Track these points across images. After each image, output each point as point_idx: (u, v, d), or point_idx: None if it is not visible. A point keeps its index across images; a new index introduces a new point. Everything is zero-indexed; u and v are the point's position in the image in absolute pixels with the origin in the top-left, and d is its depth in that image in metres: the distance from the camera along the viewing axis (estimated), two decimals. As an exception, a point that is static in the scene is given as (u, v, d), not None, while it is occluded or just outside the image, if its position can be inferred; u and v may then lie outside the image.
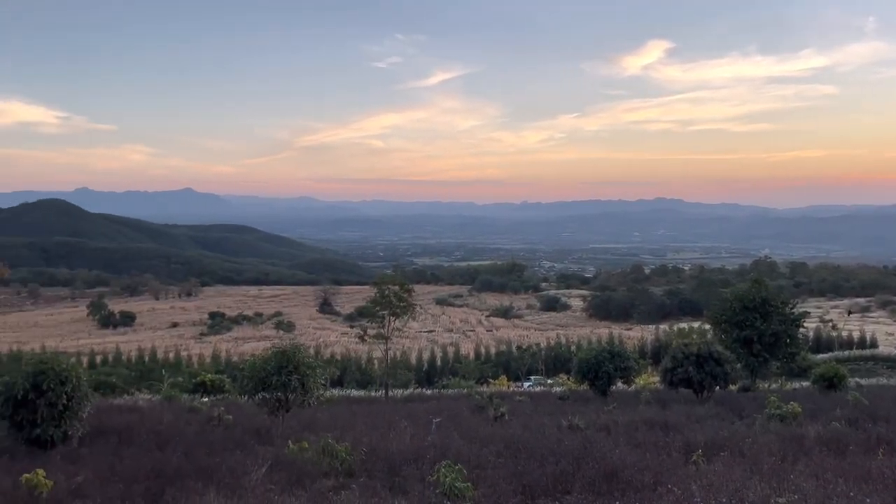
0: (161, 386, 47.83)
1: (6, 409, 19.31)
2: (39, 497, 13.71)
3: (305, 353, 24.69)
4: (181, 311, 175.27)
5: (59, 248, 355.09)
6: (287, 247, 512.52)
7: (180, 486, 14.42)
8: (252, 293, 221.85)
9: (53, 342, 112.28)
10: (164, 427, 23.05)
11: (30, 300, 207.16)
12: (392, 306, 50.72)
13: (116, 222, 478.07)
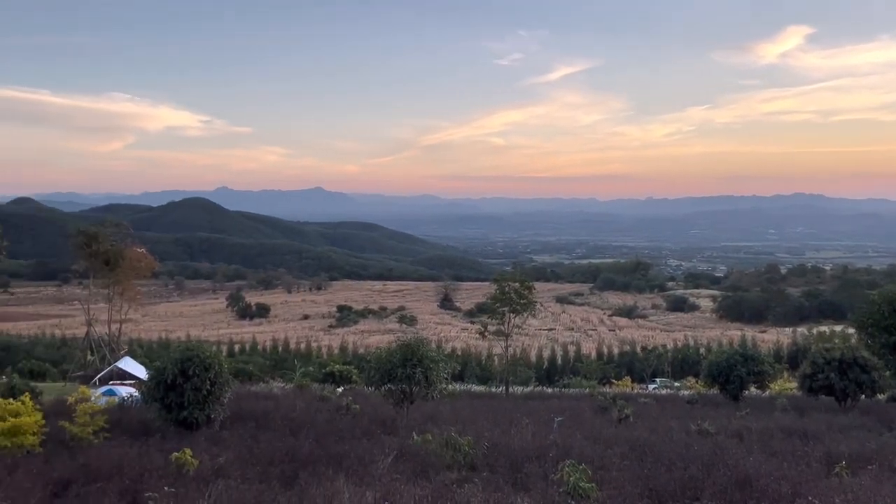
0: (293, 375, 50.30)
1: (158, 391, 20.88)
2: (186, 474, 14.75)
3: (429, 348, 25.18)
4: (311, 304, 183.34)
5: (202, 244, 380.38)
6: (410, 243, 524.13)
7: (312, 471, 15.08)
8: (377, 288, 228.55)
9: (197, 331, 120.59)
10: (297, 414, 24.15)
11: (176, 292, 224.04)
12: (512, 303, 50.68)
13: (253, 220, 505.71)
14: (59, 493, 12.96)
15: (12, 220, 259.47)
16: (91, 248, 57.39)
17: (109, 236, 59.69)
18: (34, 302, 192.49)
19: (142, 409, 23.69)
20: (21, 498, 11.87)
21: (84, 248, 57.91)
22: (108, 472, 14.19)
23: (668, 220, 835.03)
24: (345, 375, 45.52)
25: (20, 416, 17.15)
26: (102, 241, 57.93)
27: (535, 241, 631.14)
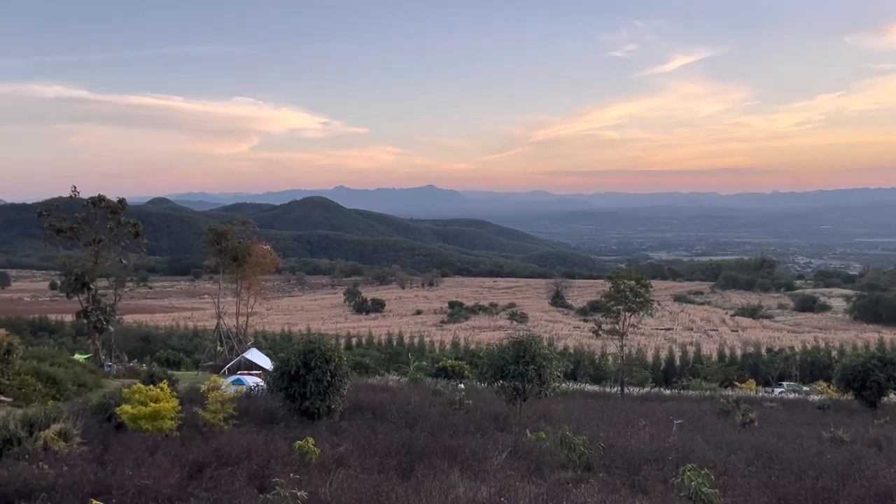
0: (407, 368, 51.34)
1: (282, 382, 21.86)
2: (309, 462, 15.37)
3: (541, 345, 25.00)
4: (424, 300, 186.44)
5: (321, 241, 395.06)
6: (520, 240, 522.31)
7: (428, 464, 15.32)
8: (487, 284, 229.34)
9: (316, 325, 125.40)
10: (412, 407, 24.62)
11: (297, 287, 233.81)
12: (627, 301, 49.47)
13: (368, 217, 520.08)
14: (195, 475, 13.81)
15: (150, 219, 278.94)
16: (221, 245, 60.87)
17: (237, 234, 63.06)
18: (169, 295, 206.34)
19: (267, 398, 24.87)
20: (162, 478, 12.76)
21: (214, 245, 61.49)
22: (237, 457, 15.01)
23: (796, 214, 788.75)
24: (457, 371, 45.97)
25: (160, 402, 18.42)
26: (231, 239, 61.30)
27: (651, 237, 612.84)
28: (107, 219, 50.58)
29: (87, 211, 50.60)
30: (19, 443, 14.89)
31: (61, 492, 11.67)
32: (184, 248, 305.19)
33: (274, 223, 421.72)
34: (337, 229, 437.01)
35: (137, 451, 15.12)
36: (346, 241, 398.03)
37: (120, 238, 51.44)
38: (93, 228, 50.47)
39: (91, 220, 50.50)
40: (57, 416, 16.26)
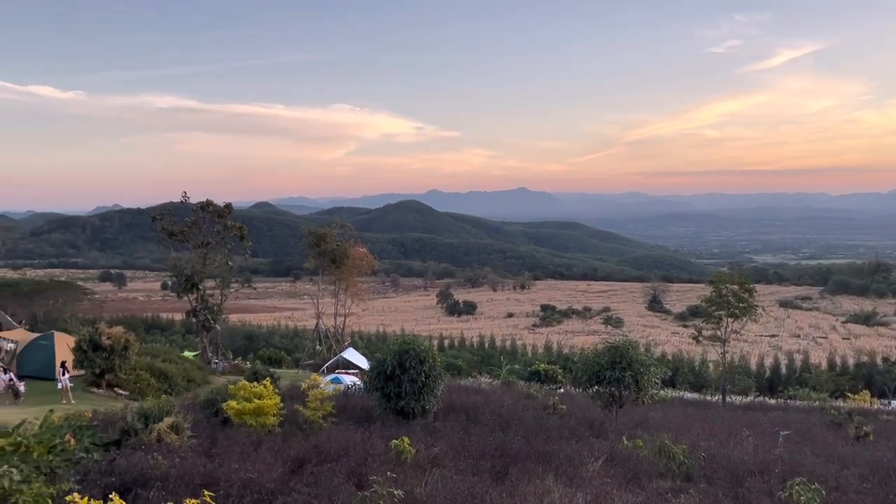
0: (500, 371, 51.25)
1: (378, 381, 22.30)
2: (405, 461, 15.61)
3: (638, 350, 24.43)
4: (516, 303, 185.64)
5: (414, 243, 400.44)
6: (615, 242, 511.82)
7: (522, 468, 15.26)
8: (581, 288, 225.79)
9: (410, 326, 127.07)
10: (505, 410, 24.57)
11: (391, 288, 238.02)
12: (730, 307, 47.61)
13: (460, 220, 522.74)
14: (296, 471, 14.29)
15: (253, 222, 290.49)
16: (320, 247, 62.77)
17: (335, 237, 64.85)
18: (271, 296, 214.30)
19: (364, 397, 25.40)
20: (265, 472, 13.27)
21: (314, 248, 63.47)
22: (336, 454, 15.43)
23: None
24: (550, 375, 45.55)
25: (263, 399, 19.15)
26: (330, 242, 63.11)
27: (754, 239, 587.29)
28: (214, 222, 53.14)
29: (196, 215, 53.32)
30: (136, 434, 15.83)
31: (174, 482, 12.32)
32: (284, 251, 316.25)
33: (369, 226, 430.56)
34: (430, 232, 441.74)
35: (242, 445, 15.79)
36: (439, 243, 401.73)
37: (226, 241, 53.92)
38: (201, 232, 53.13)
39: (200, 224, 53.20)
40: (169, 409, 17.18)
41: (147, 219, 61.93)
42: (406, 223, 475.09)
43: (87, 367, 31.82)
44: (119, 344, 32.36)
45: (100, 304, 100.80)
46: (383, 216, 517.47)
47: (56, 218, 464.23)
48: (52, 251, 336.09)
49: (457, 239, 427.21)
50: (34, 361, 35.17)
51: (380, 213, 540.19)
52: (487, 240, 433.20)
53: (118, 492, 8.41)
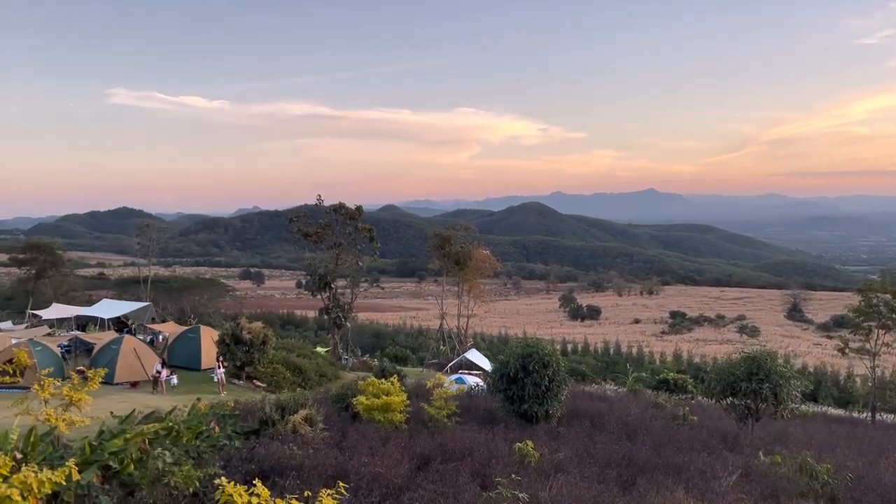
0: (625, 378, 49.97)
1: (501, 383, 22.34)
2: (528, 465, 15.54)
3: (777, 362, 23.06)
4: (642, 309, 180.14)
5: (537, 246, 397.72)
6: (751, 247, 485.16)
7: (650, 479, 14.79)
8: (713, 294, 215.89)
9: (532, 329, 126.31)
10: (632, 418, 23.90)
11: (513, 291, 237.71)
12: (881, 317, 44.00)
13: (584, 223, 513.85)
14: (422, 467, 14.58)
15: (381, 224, 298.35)
16: (444, 249, 63.75)
17: (459, 239, 65.67)
18: (397, 296, 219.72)
19: (486, 398, 25.53)
20: (393, 467, 13.63)
21: (438, 250, 64.55)
22: (460, 454, 15.59)
23: None
24: (679, 384, 43.89)
25: (390, 395, 19.67)
26: (454, 244, 63.98)
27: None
28: (346, 224, 55.30)
29: (329, 217, 55.69)
30: (273, 424, 16.70)
31: (308, 472, 12.89)
32: (410, 252, 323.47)
33: (492, 228, 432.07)
34: (553, 234, 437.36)
35: (371, 440, 16.29)
36: (562, 246, 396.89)
37: (357, 242, 55.95)
38: (334, 233, 55.43)
39: (332, 226, 55.51)
40: (303, 402, 18.00)
41: (283, 220, 65.39)
42: (528, 225, 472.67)
43: (228, 359, 33.94)
44: (258, 338, 34.30)
45: (240, 301, 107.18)
46: (506, 218, 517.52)
47: (202, 219, 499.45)
48: (198, 250, 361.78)
49: (580, 241, 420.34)
50: (183, 353, 37.96)
51: (502, 215, 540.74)
52: (613, 243, 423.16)
53: (256, 478, 8.91)
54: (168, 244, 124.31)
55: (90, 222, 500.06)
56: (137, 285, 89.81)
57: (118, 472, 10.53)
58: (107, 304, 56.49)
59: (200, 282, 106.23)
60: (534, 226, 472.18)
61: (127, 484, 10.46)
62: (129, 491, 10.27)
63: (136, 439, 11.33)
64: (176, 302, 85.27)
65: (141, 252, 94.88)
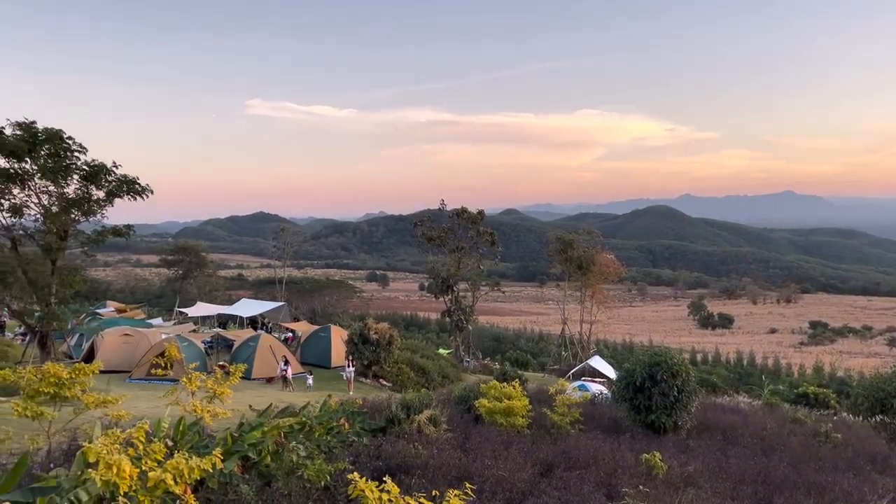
0: (760, 391, 47.34)
1: (627, 392, 21.77)
2: (655, 477, 15.03)
3: (937, 379, 21.11)
4: (779, 318, 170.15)
5: (664, 251, 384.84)
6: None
7: (788, 498, 13.95)
8: (859, 304, 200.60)
9: (658, 337, 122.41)
10: (768, 433, 22.62)
11: (638, 297, 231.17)
12: None
13: (715, 226, 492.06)
14: (545, 474, 14.44)
15: (502, 228, 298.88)
16: (566, 253, 63.05)
17: (582, 243, 64.72)
18: (517, 300, 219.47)
19: (611, 406, 24.95)
20: (516, 472, 13.60)
21: (560, 254, 63.91)
22: (584, 462, 15.32)
23: None
24: (821, 399, 41.04)
25: (512, 400, 19.64)
26: (576, 248, 63.14)
27: None
28: (468, 228, 55.92)
29: (452, 221, 56.52)
30: (399, 423, 17.10)
31: (432, 472, 13.11)
32: (530, 256, 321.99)
33: (616, 233, 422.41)
34: (681, 239, 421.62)
35: (494, 443, 16.33)
36: (691, 251, 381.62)
37: (478, 246, 56.44)
38: (456, 237, 56.20)
39: (455, 230, 56.31)
40: (428, 403, 18.31)
41: (407, 224, 67.07)
42: (655, 229, 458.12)
43: (357, 358, 35.14)
44: (384, 338, 35.32)
45: (367, 302, 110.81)
46: (630, 222, 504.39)
47: (332, 223, 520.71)
48: (328, 253, 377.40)
49: (711, 246, 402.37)
50: (314, 351, 39.70)
51: (627, 218, 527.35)
52: (746, 248, 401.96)
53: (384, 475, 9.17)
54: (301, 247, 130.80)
55: (230, 226, 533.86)
56: (273, 286, 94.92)
57: (256, 463, 11.15)
58: (246, 303, 59.99)
59: (330, 283, 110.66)
60: (661, 230, 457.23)
61: (264, 474, 11.05)
62: (267, 481, 10.84)
63: (272, 432, 11.95)
64: (307, 302, 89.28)
65: (276, 254, 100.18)
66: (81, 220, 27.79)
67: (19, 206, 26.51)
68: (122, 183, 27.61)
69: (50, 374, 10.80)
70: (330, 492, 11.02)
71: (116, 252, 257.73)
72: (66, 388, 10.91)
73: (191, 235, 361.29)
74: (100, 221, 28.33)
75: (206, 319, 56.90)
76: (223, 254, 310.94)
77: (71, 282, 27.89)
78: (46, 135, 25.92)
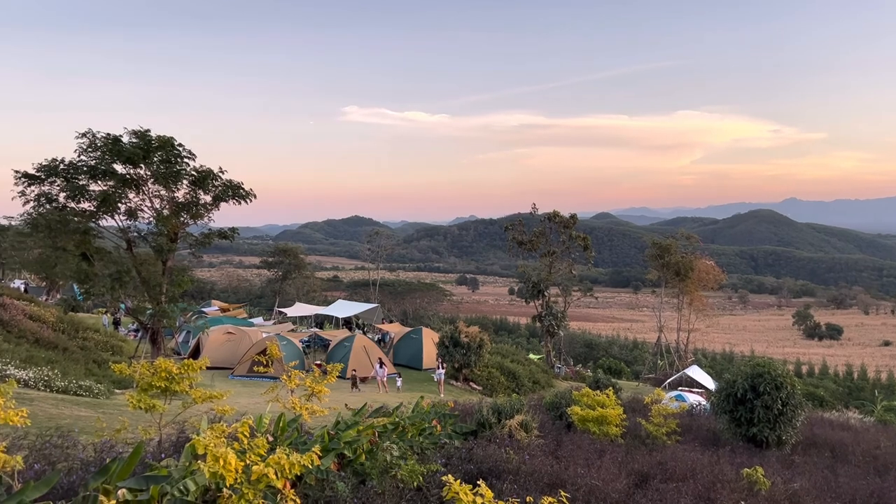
0: (873, 407, 44.61)
1: (727, 404, 20.95)
2: (757, 493, 14.39)
3: None
4: (894, 330, 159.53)
5: (766, 257, 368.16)
6: None
7: (907, 523, 13.05)
8: None
9: (760, 347, 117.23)
10: (882, 452, 21.27)
11: (739, 305, 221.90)
12: None
13: (823, 232, 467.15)
14: (640, 485, 14.07)
15: (594, 232, 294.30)
16: (663, 259, 61.29)
17: (679, 248, 62.77)
18: (609, 306, 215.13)
19: (709, 418, 24.11)
20: (610, 481, 13.32)
21: (657, 259, 62.20)
22: (682, 474, 14.84)
23: None
24: (943, 418, 38.20)
25: (606, 408, 19.27)
26: (673, 253, 61.29)
27: None
28: (560, 232, 55.33)
29: (544, 225, 56.06)
30: (490, 427, 17.09)
31: (524, 477, 13.02)
32: (624, 261, 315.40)
33: (715, 238, 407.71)
34: (785, 245, 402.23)
35: (586, 451, 16.06)
36: (796, 258, 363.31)
37: (571, 250, 55.72)
38: (547, 241, 55.71)
39: (546, 234, 55.82)
40: (519, 408, 18.22)
41: (497, 228, 67.34)
42: (757, 235, 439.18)
43: (447, 361, 35.38)
44: (475, 342, 35.42)
45: (457, 305, 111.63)
46: (731, 227, 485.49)
47: (423, 227, 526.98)
48: (419, 256, 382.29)
49: (818, 253, 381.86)
50: (406, 352, 40.27)
51: (727, 223, 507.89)
52: (858, 255, 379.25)
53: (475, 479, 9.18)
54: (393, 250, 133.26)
55: (326, 229, 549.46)
56: (366, 287, 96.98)
57: (351, 461, 11.40)
58: (341, 304, 61.58)
59: (421, 286, 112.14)
60: (763, 235, 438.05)
61: (358, 473, 11.28)
62: (361, 480, 11.06)
63: (367, 431, 12.19)
64: (399, 304, 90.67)
65: (370, 257, 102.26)
66: (190, 223, 29.25)
67: (134, 209, 28.15)
68: (227, 188, 28.90)
69: (161, 369, 11.41)
70: (422, 493, 11.13)
71: (220, 253, 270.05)
72: (175, 383, 11.49)
73: (290, 238, 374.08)
74: (207, 224, 29.72)
75: (303, 319, 58.73)
76: (320, 256, 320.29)
77: (180, 281, 29.40)
78: (159, 142, 27.47)
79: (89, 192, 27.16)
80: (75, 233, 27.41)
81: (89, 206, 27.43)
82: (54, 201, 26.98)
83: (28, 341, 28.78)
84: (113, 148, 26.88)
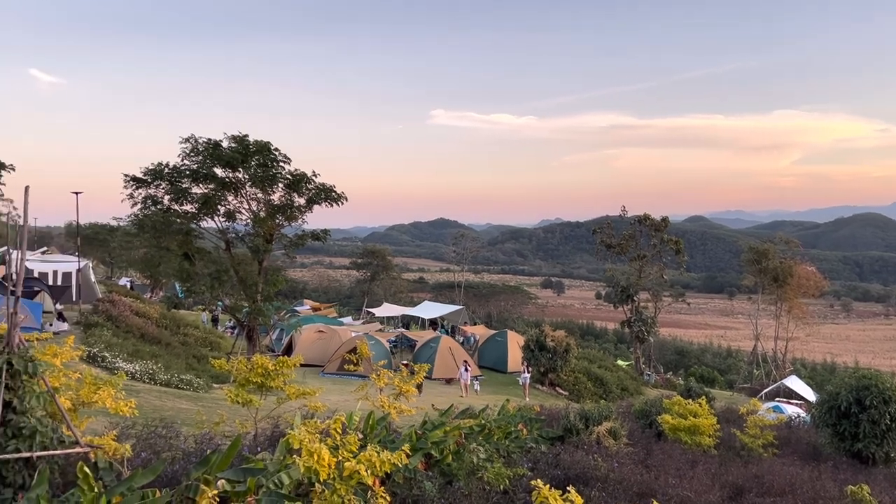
0: None
1: (829, 417, 19.92)
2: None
3: None
4: None
5: (873, 263, 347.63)
6: None
7: None
8: None
9: (865, 358, 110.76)
10: None
11: (842, 313, 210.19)
12: None
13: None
14: (734, 498, 13.56)
15: (686, 236, 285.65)
16: (760, 264, 58.83)
17: (778, 253, 60.11)
18: (702, 312, 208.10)
19: (809, 431, 23.01)
20: (703, 493, 12.90)
21: (753, 265, 59.75)
22: (779, 489, 14.21)
23: None
24: None
25: (698, 417, 18.68)
26: (771, 258, 58.72)
27: None
28: (650, 236, 54.02)
29: (633, 228, 54.86)
30: (577, 433, 16.87)
31: (613, 485, 12.78)
32: (718, 266, 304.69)
33: (816, 242, 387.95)
34: (894, 250, 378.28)
35: (677, 461, 15.62)
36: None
37: (662, 254, 54.30)
38: (637, 245, 54.47)
39: (636, 237, 54.61)
40: (608, 414, 17.90)
41: (584, 231, 66.58)
42: (862, 239, 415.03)
43: (533, 364, 35.15)
44: (561, 346, 35.04)
45: (542, 308, 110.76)
46: (833, 231, 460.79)
47: (508, 230, 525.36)
48: (503, 258, 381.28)
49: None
50: (491, 355, 40.28)
51: (829, 227, 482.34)
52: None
53: (562, 485, 9.08)
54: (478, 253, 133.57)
55: (413, 231, 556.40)
56: (451, 289, 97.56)
57: (438, 462, 11.50)
58: (427, 305, 62.24)
59: (506, 288, 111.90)
60: (870, 240, 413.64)
61: (445, 473, 11.36)
62: (448, 480, 11.14)
63: (454, 432, 12.27)
64: (484, 306, 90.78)
65: (455, 259, 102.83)
66: (285, 225, 30.27)
67: (233, 211, 29.37)
68: (320, 191, 29.73)
69: (258, 366, 11.86)
70: (508, 496, 11.11)
71: (312, 254, 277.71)
72: (270, 379, 11.91)
73: (378, 240, 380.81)
74: (300, 226, 30.67)
75: (391, 319, 59.68)
76: (406, 257, 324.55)
77: (275, 281, 30.46)
78: (257, 147, 28.56)
79: (191, 194, 28.52)
80: (178, 233, 28.85)
81: (191, 208, 28.79)
82: (159, 203, 28.48)
83: (134, 336, 30.49)
84: (213, 153, 28.14)
